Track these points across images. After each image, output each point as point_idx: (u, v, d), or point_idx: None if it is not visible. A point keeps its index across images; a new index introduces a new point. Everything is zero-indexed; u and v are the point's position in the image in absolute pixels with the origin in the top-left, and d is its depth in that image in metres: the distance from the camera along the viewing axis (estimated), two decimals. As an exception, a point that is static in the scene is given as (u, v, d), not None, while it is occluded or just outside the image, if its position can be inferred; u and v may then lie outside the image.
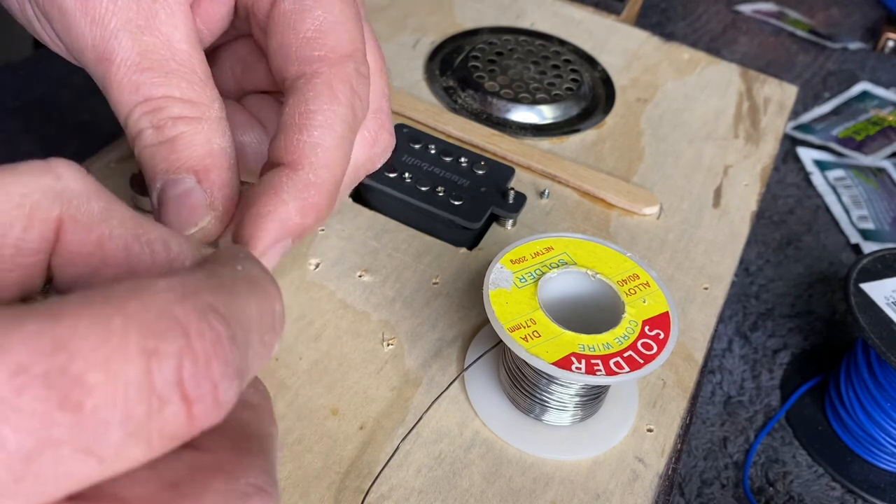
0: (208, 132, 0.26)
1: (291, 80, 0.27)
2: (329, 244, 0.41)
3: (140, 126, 0.26)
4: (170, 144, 0.26)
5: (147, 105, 0.26)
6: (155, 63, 0.26)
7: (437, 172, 0.43)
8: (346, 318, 0.37)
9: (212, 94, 0.27)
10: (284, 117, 0.27)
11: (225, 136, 0.27)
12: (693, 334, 0.40)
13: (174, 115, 0.26)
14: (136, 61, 0.26)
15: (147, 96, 0.26)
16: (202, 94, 0.27)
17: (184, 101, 0.26)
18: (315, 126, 0.26)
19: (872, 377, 0.55)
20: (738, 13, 1.10)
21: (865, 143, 0.90)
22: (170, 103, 0.26)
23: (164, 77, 0.26)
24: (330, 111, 0.26)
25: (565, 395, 0.33)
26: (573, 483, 0.33)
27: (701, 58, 0.60)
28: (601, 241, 0.36)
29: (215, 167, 0.26)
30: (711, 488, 0.54)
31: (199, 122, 0.26)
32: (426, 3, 0.60)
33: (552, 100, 0.52)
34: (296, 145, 0.26)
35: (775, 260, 0.73)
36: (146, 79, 0.26)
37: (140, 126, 0.26)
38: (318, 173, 0.26)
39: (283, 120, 0.27)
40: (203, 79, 0.27)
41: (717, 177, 0.50)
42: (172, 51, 0.26)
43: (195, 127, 0.26)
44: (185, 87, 0.26)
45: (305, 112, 0.26)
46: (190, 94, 0.26)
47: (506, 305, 0.32)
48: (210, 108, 0.27)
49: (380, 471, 0.32)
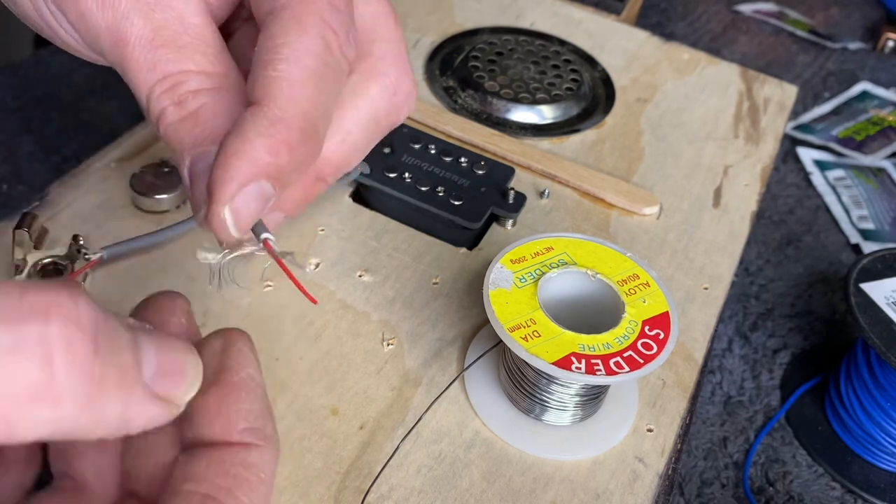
0: (229, 101, 0.26)
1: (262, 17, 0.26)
2: (329, 244, 0.41)
3: (161, 104, 0.26)
4: (193, 118, 0.26)
5: (165, 82, 0.26)
6: (168, 39, 0.26)
7: (437, 172, 0.43)
8: (346, 318, 0.37)
9: (228, 63, 0.27)
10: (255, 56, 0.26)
11: (241, 101, 0.26)
12: (693, 334, 0.40)
13: (193, 88, 0.26)
14: (150, 38, 0.26)
15: (164, 73, 0.26)
16: (218, 64, 0.26)
17: (200, 73, 0.26)
18: (280, 59, 0.25)
19: (872, 377, 0.55)
20: (738, 13, 1.10)
21: (865, 143, 0.90)
22: (187, 77, 0.26)
23: (179, 52, 0.26)
24: (297, 43, 0.25)
25: (565, 395, 0.33)
26: (573, 483, 0.33)
27: (701, 58, 0.60)
28: (601, 241, 0.36)
29: (240, 131, 0.25)
30: (711, 488, 0.54)
31: (218, 91, 0.26)
32: (426, 3, 0.60)
33: (552, 100, 0.52)
34: (262, 81, 0.25)
35: (775, 260, 0.73)
36: (161, 55, 0.26)
37: (161, 104, 0.26)
38: (284, 108, 0.24)
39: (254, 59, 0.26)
40: (217, 50, 0.27)
41: (717, 177, 0.50)
42: (185, 25, 0.26)
43: (216, 97, 0.26)
44: (200, 59, 0.26)
45: (272, 47, 0.25)
46: (206, 66, 0.26)
47: (506, 305, 0.32)
48: (227, 77, 0.26)
49: (380, 471, 0.32)
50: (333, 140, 0.28)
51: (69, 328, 0.17)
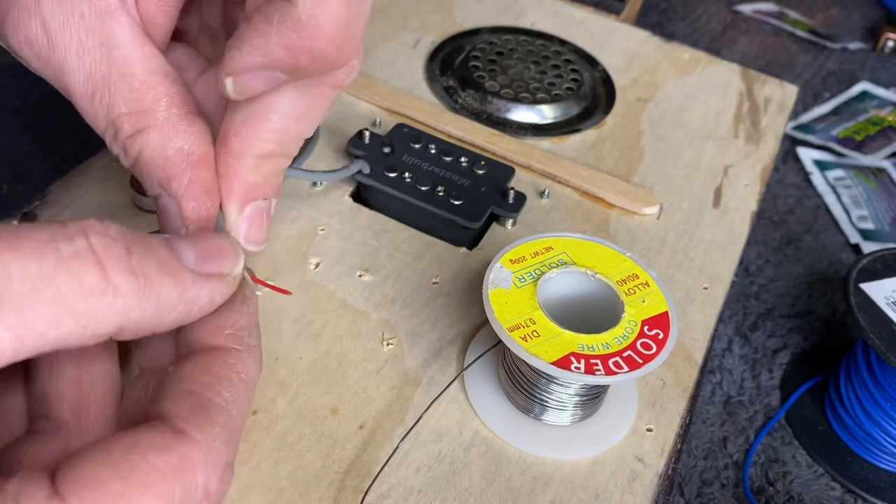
0: (159, 139, 0.27)
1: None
2: (329, 244, 0.41)
3: (114, 151, 0.28)
4: (138, 165, 0.27)
5: (109, 131, 0.27)
6: (98, 84, 0.27)
7: (437, 172, 0.43)
8: (346, 318, 0.37)
9: (156, 93, 0.27)
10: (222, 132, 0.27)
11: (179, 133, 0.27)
12: (693, 334, 0.40)
13: (127, 133, 0.27)
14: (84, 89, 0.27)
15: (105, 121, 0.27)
16: (146, 99, 0.27)
17: (130, 115, 0.27)
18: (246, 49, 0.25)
19: (872, 377, 0.55)
20: (738, 13, 1.10)
21: (865, 143, 0.90)
22: (121, 122, 0.27)
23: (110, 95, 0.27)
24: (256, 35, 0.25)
25: (565, 395, 0.33)
26: (573, 483, 0.33)
27: (701, 58, 0.60)
28: (601, 241, 0.36)
29: (174, 175, 0.27)
30: (711, 488, 0.55)
31: (147, 132, 0.27)
32: (426, 3, 0.60)
33: (552, 100, 0.52)
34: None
35: (775, 260, 0.73)
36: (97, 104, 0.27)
37: (114, 151, 0.28)
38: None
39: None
40: (145, 80, 0.27)
41: (717, 177, 0.50)
42: (110, 62, 0.26)
43: (146, 139, 0.27)
44: (129, 97, 0.27)
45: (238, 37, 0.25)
46: (135, 105, 0.27)
47: (505, 305, 0.32)
48: (155, 113, 0.27)
49: (379, 470, 0.32)
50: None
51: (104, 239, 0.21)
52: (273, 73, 0.25)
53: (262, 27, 0.24)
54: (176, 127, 0.27)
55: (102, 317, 0.20)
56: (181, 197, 0.27)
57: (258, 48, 0.24)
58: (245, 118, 0.27)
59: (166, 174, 0.27)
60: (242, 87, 0.25)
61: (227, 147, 0.27)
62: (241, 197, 0.28)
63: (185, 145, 0.27)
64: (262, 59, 0.24)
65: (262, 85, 0.25)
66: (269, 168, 0.28)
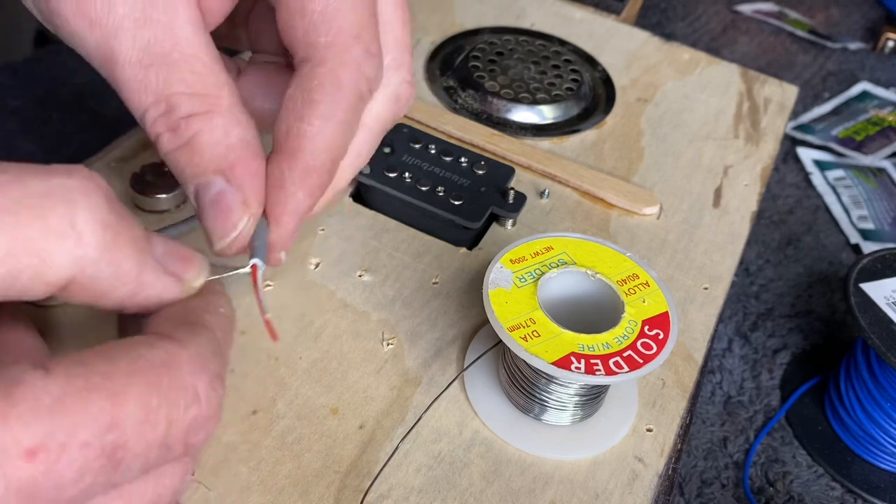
0: (223, 125, 0.26)
1: (298, 61, 0.27)
2: (329, 244, 0.41)
3: (157, 130, 0.26)
4: (189, 147, 0.26)
5: (157, 107, 0.26)
6: (157, 57, 0.25)
7: (437, 172, 0.43)
8: (346, 318, 0.37)
9: (219, 79, 0.26)
10: (287, 101, 0.27)
11: (241, 123, 0.26)
12: (693, 334, 0.40)
13: (184, 113, 0.26)
14: (139, 58, 0.25)
15: (155, 96, 0.26)
16: (209, 82, 0.26)
17: (192, 96, 0.26)
18: (316, 116, 0.26)
19: (872, 377, 0.55)
20: (738, 13, 1.10)
21: (865, 143, 0.90)
22: (179, 100, 0.26)
23: (169, 71, 0.25)
24: (332, 102, 0.27)
25: (565, 395, 0.33)
26: (572, 483, 0.33)
27: (701, 58, 0.60)
28: (601, 241, 0.36)
29: (240, 161, 0.26)
30: (711, 488, 0.55)
31: (211, 116, 0.26)
32: (426, 3, 0.60)
33: (552, 100, 0.52)
34: (297, 133, 0.26)
35: (775, 260, 0.73)
36: (151, 76, 0.25)
37: (157, 130, 0.26)
38: (317, 158, 0.27)
39: (286, 103, 0.27)
40: (209, 64, 0.26)
41: (717, 177, 0.50)
42: (174, 39, 0.26)
43: (209, 123, 0.26)
44: (190, 78, 0.26)
45: (308, 101, 0.26)
46: (197, 86, 0.26)
47: (505, 305, 0.32)
48: (219, 98, 0.26)
49: (379, 470, 0.32)
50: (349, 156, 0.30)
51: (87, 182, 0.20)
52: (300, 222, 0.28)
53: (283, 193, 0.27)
54: (238, 116, 0.26)
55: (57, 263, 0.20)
56: (247, 185, 0.26)
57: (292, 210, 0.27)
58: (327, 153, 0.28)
59: (229, 161, 0.26)
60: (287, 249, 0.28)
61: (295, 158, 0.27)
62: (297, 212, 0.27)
63: (247, 136, 0.26)
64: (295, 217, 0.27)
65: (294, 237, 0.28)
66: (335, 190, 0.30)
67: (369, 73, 0.28)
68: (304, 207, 0.27)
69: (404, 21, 0.31)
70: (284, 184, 0.27)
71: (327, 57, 0.27)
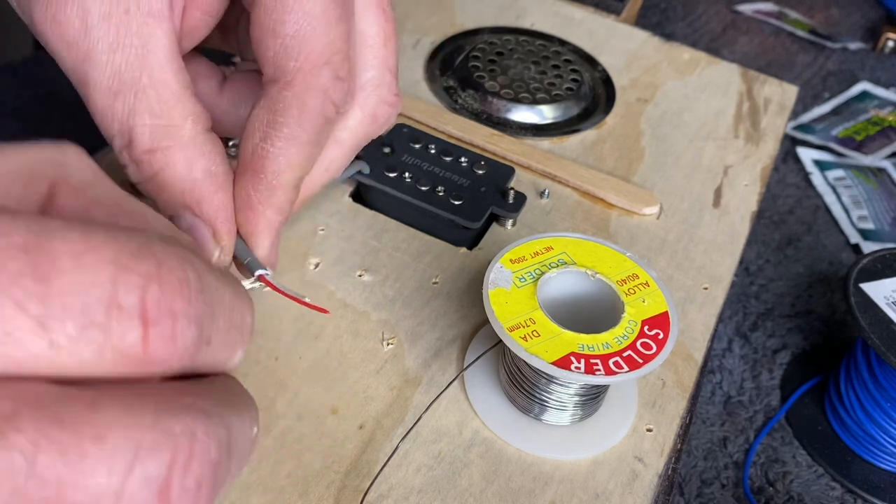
0: (186, 159, 0.26)
1: (266, 80, 0.27)
2: (329, 244, 0.41)
3: (123, 160, 0.27)
4: (154, 183, 0.26)
5: (122, 137, 0.26)
6: (125, 84, 0.25)
7: (437, 172, 0.43)
8: (346, 318, 0.37)
9: (185, 108, 0.26)
10: (252, 120, 0.27)
11: (205, 154, 0.27)
12: (693, 334, 0.40)
13: (146, 147, 0.26)
14: (108, 84, 0.25)
15: (119, 124, 0.26)
16: (174, 112, 0.26)
17: (154, 128, 0.26)
18: (280, 137, 0.27)
19: (872, 377, 0.55)
20: (738, 13, 1.10)
21: (865, 143, 0.90)
22: (141, 132, 0.26)
23: (136, 99, 0.25)
24: (296, 125, 0.27)
25: (565, 395, 0.33)
26: (572, 483, 0.33)
27: (701, 58, 0.60)
28: (601, 241, 0.36)
29: (205, 197, 0.27)
30: (711, 488, 0.55)
31: (172, 151, 0.26)
32: (426, 4, 0.60)
33: (552, 100, 0.52)
34: (260, 154, 0.27)
35: (775, 260, 0.73)
36: (118, 104, 0.26)
37: (123, 160, 0.27)
38: (280, 177, 0.27)
39: (251, 122, 0.27)
40: (177, 92, 0.26)
41: (717, 177, 0.50)
42: (143, 64, 0.25)
43: (171, 157, 0.26)
44: (155, 107, 0.26)
45: (272, 122, 0.27)
46: (161, 116, 0.26)
47: (505, 305, 0.32)
48: (181, 129, 0.26)
49: (379, 470, 0.32)
50: (318, 169, 0.30)
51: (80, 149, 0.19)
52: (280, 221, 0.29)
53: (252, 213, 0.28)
54: (202, 147, 0.27)
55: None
56: (214, 220, 0.27)
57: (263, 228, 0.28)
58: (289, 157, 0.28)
59: (195, 197, 0.26)
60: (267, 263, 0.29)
61: (259, 177, 0.27)
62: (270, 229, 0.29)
63: (212, 166, 0.27)
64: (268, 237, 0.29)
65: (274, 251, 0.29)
66: (301, 199, 0.30)
67: (336, 97, 0.28)
68: (275, 224, 0.28)
69: (387, 38, 0.30)
70: (252, 204, 0.27)
71: (295, 81, 0.27)
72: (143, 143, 0.26)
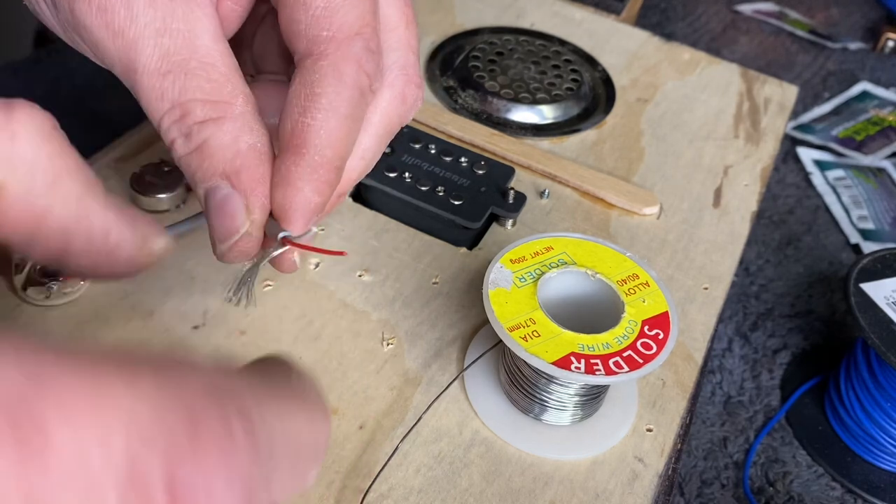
0: (233, 131, 0.27)
1: (300, 57, 0.28)
2: (329, 244, 0.41)
3: (171, 136, 0.27)
4: (199, 152, 0.26)
5: (173, 113, 0.26)
6: (175, 65, 0.26)
7: (437, 172, 0.43)
8: (346, 318, 0.37)
9: (234, 88, 0.27)
10: (290, 97, 0.27)
11: (252, 130, 0.27)
12: (693, 334, 0.40)
13: (197, 119, 0.26)
14: (157, 66, 0.26)
15: (171, 103, 0.26)
16: (224, 90, 0.27)
17: (205, 102, 0.26)
18: (319, 109, 0.27)
19: (872, 377, 0.55)
20: (738, 13, 1.10)
21: (865, 143, 0.90)
22: (193, 107, 0.26)
23: (185, 79, 0.26)
24: (334, 94, 0.27)
25: (565, 395, 0.33)
26: (573, 483, 0.33)
27: (701, 58, 0.60)
28: (601, 241, 0.36)
29: (245, 167, 0.27)
30: (711, 488, 0.55)
31: (222, 122, 0.26)
32: (426, 3, 0.60)
33: (552, 100, 0.52)
34: (301, 129, 0.27)
35: (775, 260, 0.73)
36: (168, 83, 0.26)
37: (171, 136, 0.27)
38: (323, 153, 0.27)
39: (289, 99, 0.27)
40: (225, 73, 0.27)
41: (717, 177, 0.50)
42: (192, 48, 0.26)
43: (220, 128, 0.26)
44: (206, 86, 0.26)
45: (310, 94, 0.27)
46: (212, 94, 0.26)
47: (505, 305, 0.32)
48: (232, 105, 0.27)
49: (379, 470, 0.32)
50: (354, 158, 0.30)
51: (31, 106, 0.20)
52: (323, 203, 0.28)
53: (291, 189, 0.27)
54: (250, 123, 0.27)
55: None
56: (251, 190, 0.27)
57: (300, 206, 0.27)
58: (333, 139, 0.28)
59: (236, 166, 0.26)
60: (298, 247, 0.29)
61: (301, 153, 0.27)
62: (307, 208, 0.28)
63: (258, 143, 0.27)
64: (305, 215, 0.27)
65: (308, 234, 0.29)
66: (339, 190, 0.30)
67: (369, 69, 0.28)
68: (313, 204, 0.27)
69: (408, 22, 0.31)
70: (291, 180, 0.27)
71: (329, 51, 0.27)
72: (195, 115, 0.26)
